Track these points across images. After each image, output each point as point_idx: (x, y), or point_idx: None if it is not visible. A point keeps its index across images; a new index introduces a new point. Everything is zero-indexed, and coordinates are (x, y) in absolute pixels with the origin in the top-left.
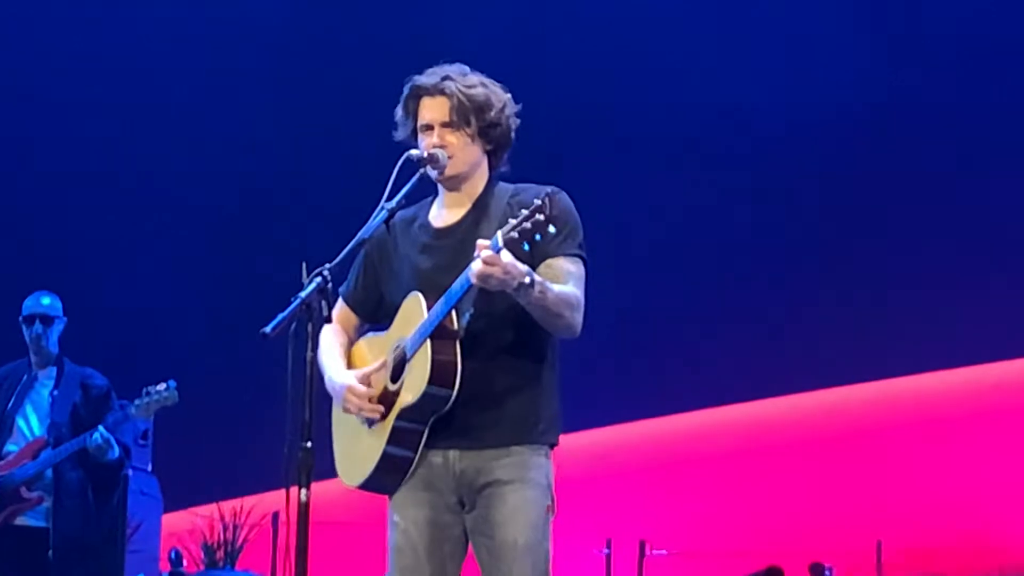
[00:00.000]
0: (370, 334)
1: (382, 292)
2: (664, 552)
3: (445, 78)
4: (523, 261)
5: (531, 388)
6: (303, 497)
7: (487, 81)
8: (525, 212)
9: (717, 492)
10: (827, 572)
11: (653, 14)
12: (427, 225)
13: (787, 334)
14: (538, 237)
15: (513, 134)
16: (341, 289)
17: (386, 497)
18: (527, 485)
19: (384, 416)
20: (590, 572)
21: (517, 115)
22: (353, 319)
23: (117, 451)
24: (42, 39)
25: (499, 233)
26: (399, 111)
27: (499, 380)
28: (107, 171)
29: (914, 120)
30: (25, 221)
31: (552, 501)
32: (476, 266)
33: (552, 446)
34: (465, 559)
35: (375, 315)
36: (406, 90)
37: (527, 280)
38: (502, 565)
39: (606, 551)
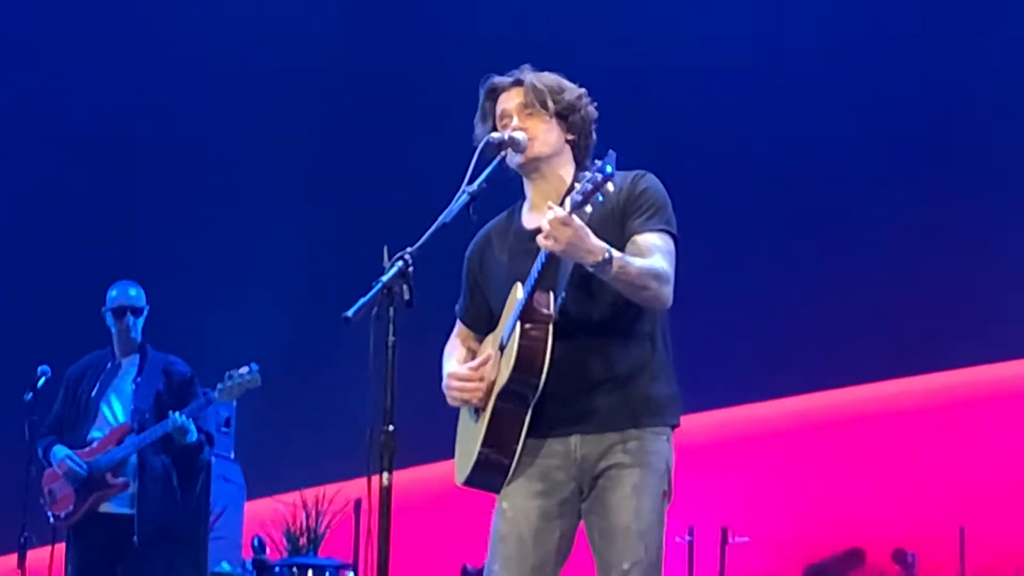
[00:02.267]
0: (487, 337)
1: (489, 303)
2: (746, 539)
3: (518, 72)
4: (610, 240)
5: (647, 370)
6: (385, 481)
7: (560, 76)
8: (586, 175)
9: (799, 479)
10: (910, 558)
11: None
12: (521, 230)
13: (871, 321)
14: (600, 197)
15: (593, 126)
16: (456, 309)
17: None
18: (646, 470)
19: (484, 409)
20: (672, 559)
21: (596, 108)
22: (471, 335)
23: (196, 435)
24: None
25: (567, 199)
26: (477, 119)
27: (613, 363)
28: (188, 159)
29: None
30: (106, 209)
31: (669, 487)
32: (546, 225)
33: (673, 427)
34: (568, 558)
35: (490, 328)
36: (483, 92)
37: (605, 256)
38: (613, 549)
39: (688, 538)
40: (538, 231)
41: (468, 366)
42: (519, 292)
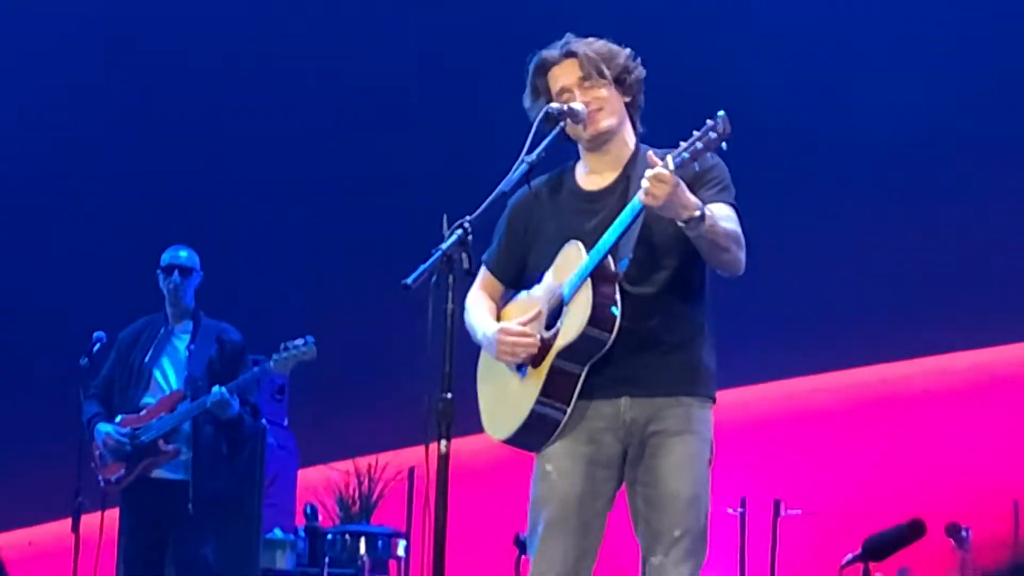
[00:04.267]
0: (519, 295)
1: (526, 260)
2: (799, 512)
3: (564, 43)
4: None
5: (698, 338)
6: (443, 448)
7: (606, 40)
8: (696, 133)
9: (852, 452)
10: (964, 532)
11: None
12: (577, 190)
13: (924, 295)
14: (710, 155)
15: (643, 85)
16: (484, 257)
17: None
18: (695, 437)
19: (538, 365)
20: (724, 530)
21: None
22: (498, 286)
23: (236, 410)
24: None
25: (669, 157)
26: (527, 98)
27: (666, 328)
28: (246, 130)
29: None
30: (164, 177)
31: (712, 455)
32: (647, 183)
33: (713, 400)
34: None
35: (517, 282)
36: (532, 68)
37: (698, 213)
38: (664, 516)
39: (740, 510)
40: (599, 193)
41: (518, 321)
42: (580, 251)
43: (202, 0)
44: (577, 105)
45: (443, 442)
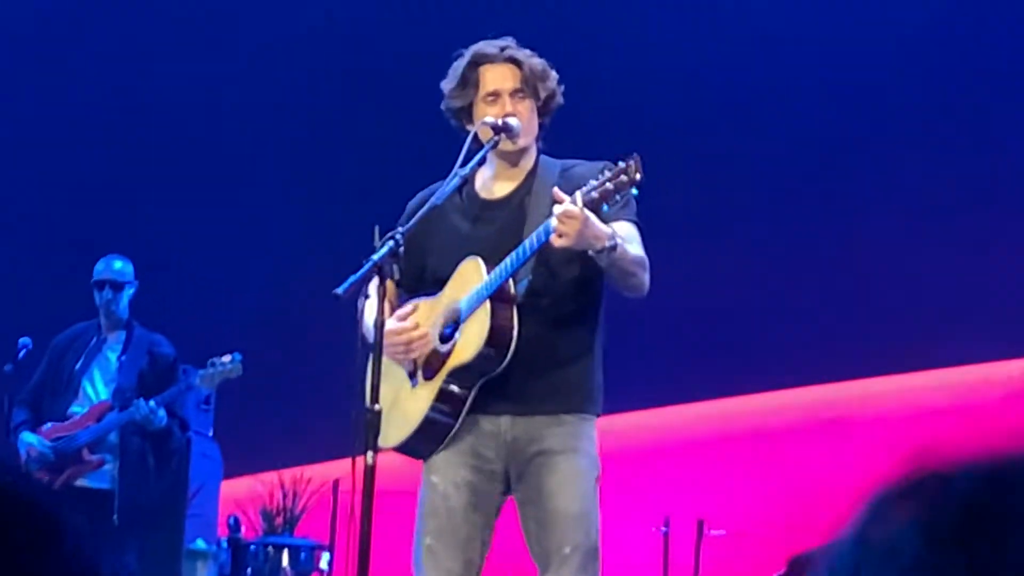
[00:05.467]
0: (415, 301)
1: (425, 263)
2: (723, 532)
3: (506, 47)
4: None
5: (585, 358)
6: (369, 459)
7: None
8: (608, 174)
9: (777, 472)
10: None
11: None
12: (475, 196)
13: (858, 317)
14: (619, 197)
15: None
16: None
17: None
18: (579, 454)
19: (431, 377)
20: (648, 549)
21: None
22: (395, 290)
23: (164, 422)
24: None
25: (578, 193)
26: (451, 82)
27: (556, 348)
28: (178, 137)
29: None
30: (98, 185)
31: (599, 471)
32: (555, 222)
33: (597, 415)
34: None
35: (416, 286)
36: (465, 59)
37: (610, 243)
38: (554, 534)
39: (664, 529)
40: (498, 202)
41: (400, 317)
42: (480, 268)
43: (136, 5)
44: (513, 121)
45: (370, 454)
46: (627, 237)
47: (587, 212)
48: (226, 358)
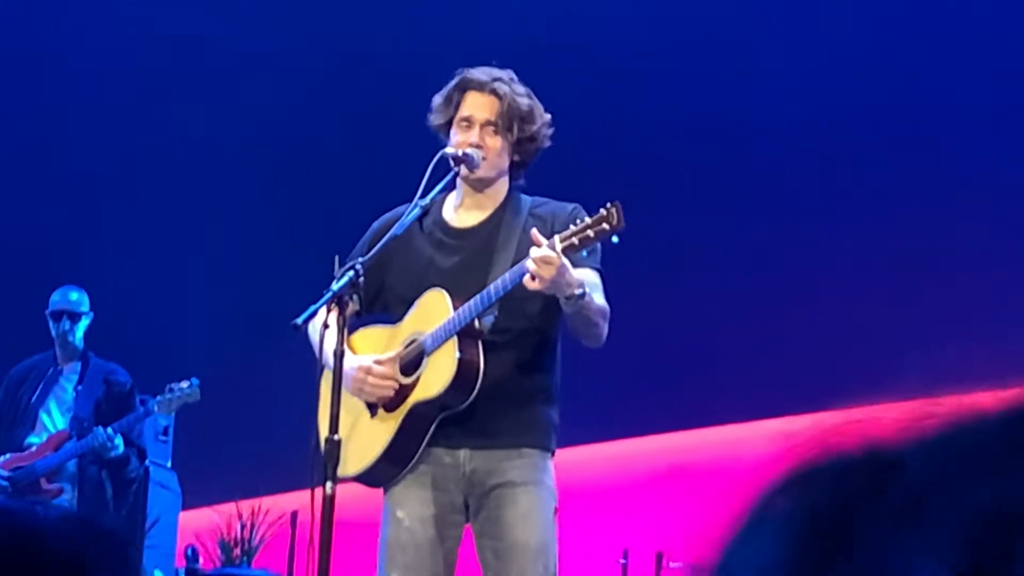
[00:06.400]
0: (373, 326)
1: (383, 283)
2: (681, 564)
3: (497, 79)
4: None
5: (543, 395)
6: (328, 490)
7: (532, 94)
8: (588, 220)
9: (736, 505)
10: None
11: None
12: (443, 223)
13: (818, 350)
14: (599, 245)
15: (539, 154)
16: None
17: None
18: (539, 487)
19: (393, 409)
20: None
21: (551, 137)
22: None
23: (120, 450)
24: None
25: (556, 238)
26: (439, 98)
27: (519, 384)
28: (135, 167)
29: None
30: (54, 216)
31: (557, 504)
32: (531, 265)
33: (553, 453)
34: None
35: (372, 306)
36: (454, 80)
37: (580, 291)
38: (513, 567)
39: (623, 561)
40: (465, 232)
41: (376, 359)
42: (446, 301)
43: (96, 26)
44: (473, 152)
45: (329, 484)
46: (591, 285)
47: (563, 259)
48: (184, 384)
